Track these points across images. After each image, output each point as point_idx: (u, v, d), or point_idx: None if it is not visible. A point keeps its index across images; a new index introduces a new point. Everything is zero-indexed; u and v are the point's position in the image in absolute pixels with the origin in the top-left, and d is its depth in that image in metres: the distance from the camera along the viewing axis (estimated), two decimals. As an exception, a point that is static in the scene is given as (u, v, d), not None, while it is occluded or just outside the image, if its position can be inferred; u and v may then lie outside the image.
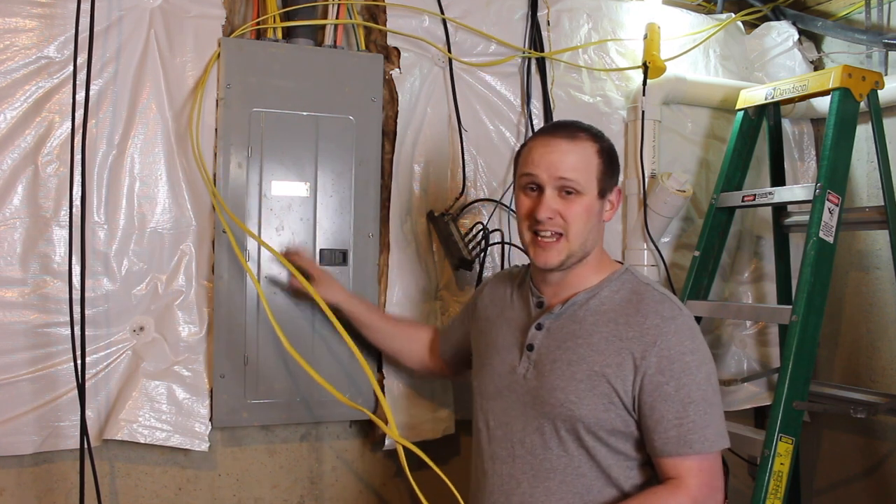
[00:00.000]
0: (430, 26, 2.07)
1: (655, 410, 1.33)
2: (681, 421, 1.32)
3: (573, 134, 1.43)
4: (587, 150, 1.42)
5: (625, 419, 1.36)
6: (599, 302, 1.43)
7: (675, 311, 1.38)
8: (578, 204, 1.40)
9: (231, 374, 1.83)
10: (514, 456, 1.42)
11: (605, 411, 1.35)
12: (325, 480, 2.02)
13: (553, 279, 1.47)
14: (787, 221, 2.38)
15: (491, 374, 1.50)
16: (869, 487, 2.39)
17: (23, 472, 1.74)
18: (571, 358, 1.39)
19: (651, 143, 2.27)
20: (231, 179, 1.84)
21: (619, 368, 1.35)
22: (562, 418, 1.37)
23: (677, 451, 1.32)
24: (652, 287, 1.44)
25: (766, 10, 2.55)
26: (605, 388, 1.35)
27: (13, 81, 1.69)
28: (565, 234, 1.40)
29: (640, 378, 1.34)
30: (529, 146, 1.46)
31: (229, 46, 1.84)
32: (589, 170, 1.41)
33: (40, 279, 1.71)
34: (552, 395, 1.38)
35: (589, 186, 1.40)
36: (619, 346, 1.36)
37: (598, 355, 1.37)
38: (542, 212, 1.39)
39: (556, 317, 1.44)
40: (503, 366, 1.48)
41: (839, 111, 2.00)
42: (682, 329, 1.36)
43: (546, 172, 1.39)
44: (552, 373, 1.39)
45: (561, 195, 1.40)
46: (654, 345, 1.34)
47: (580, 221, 1.40)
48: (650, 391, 1.33)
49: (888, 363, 2.36)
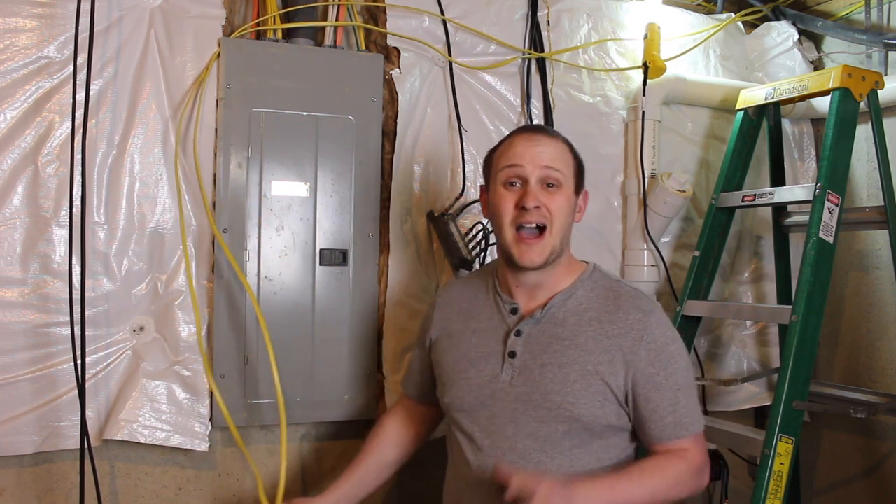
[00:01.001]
0: (431, 26, 2.07)
1: (650, 401, 1.39)
2: (674, 407, 1.40)
3: (551, 133, 1.51)
4: (564, 147, 1.48)
5: (618, 413, 1.41)
6: (577, 302, 1.46)
7: (652, 305, 1.46)
8: (561, 195, 1.44)
9: (231, 374, 1.83)
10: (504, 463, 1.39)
11: (600, 408, 1.38)
12: (325, 480, 2.02)
13: (529, 282, 1.47)
14: (787, 221, 2.38)
15: (468, 386, 1.47)
16: (869, 487, 2.39)
17: (23, 472, 1.74)
18: (562, 360, 1.40)
19: (651, 143, 2.27)
20: (231, 179, 1.84)
21: (610, 365, 1.39)
22: (560, 420, 1.38)
23: (676, 435, 1.40)
24: (622, 283, 1.51)
25: (766, 10, 2.55)
26: (599, 385, 1.38)
27: (13, 81, 1.69)
28: (549, 227, 1.42)
29: (633, 372, 1.39)
30: (509, 142, 1.49)
31: (229, 46, 1.84)
32: (567, 164, 1.46)
33: (40, 279, 1.71)
34: (548, 398, 1.39)
35: (568, 180, 1.45)
36: (607, 344, 1.40)
37: (588, 355, 1.40)
38: (529, 200, 1.40)
39: (536, 321, 1.45)
40: (481, 377, 1.46)
41: (839, 111, 2.00)
42: (662, 321, 1.44)
43: (531, 163, 1.42)
44: (544, 377, 1.40)
45: (543, 187, 1.43)
46: (641, 339, 1.40)
47: (562, 214, 1.43)
48: (643, 383, 1.39)
49: (888, 363, 2.35)
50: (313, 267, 1.90)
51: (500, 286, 1.52)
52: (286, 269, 1.88)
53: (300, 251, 1.89)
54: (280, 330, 1.86)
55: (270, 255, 1.87)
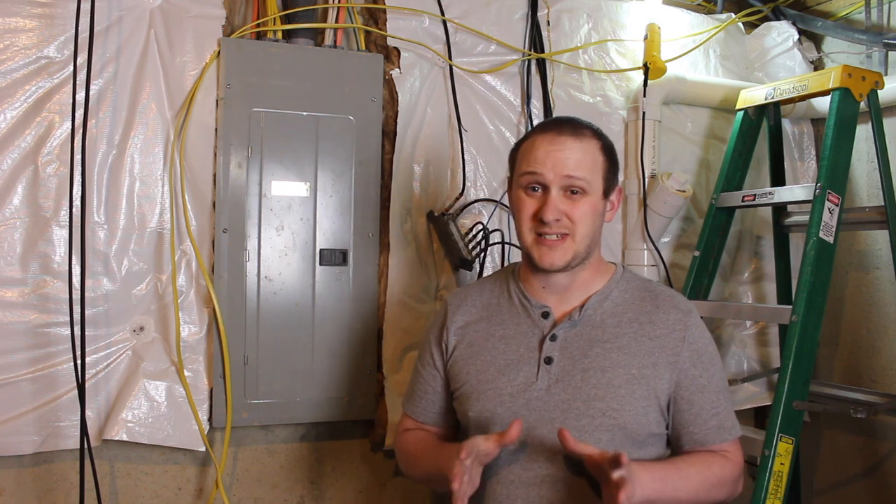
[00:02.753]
0: (431, 27, 2.07)
1: (694, 404, 1.34)
2: (716, 410, 1.35)
3: (578, 131, 1.36)
4: (592, 147, 1.36)
5: (658, 420, 1.34)
6: (613, 304, 1.39)
7: (688, 303, 1.42)
8: (585, 203, 1.33)
9: (231, 374, 1.83)
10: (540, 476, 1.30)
11: (644, 415, 1.31)
12: (325, 480, 2.02)
13: (558, 285, 1.39)
14: (787, 221, 2.38)
15: (498, 397, 1.35)
16: (869, 487, 2.39)
17: (23, 472, 1.74)
18: (604, 364, 1.32)
19: (651, 143, 2.27)
20: (231, 179, 1.84)
21: (654, 368, 1.33)
22: (603, 428, 1.29)
23: (719, 439, 1.35)
24: (654, 282, 1.46)
25: (766, 10, 2.55)
26: (643, 391, 1.31)
27: (13, 81, 1.69)
28: (571, 235, 1.33)
29: (677, 374, 1.34)
30: (531, 142, 1.37)
31: (229, 46, 1.84)
32: (595, 168, 1.35)
33: (40, 279, 1.71)
34: (590, 405, 1.30)
35: (595, 186, 1.34)
36: (649, 346, 1.34)
37: (632, 358, 1.33)
38: (548, 213, 1.31)
39: (573, 325, 1.36)
40: (513, 385, 1.34)
41: (839, 111, 2.00)
42: (699, 320, 1.40)
43: (552, 171, 1.32)
44: (586, 382, 1.31)
45: (566, 195, 1.33)
46: (684, 340, 1.35)
47: (587, 222, 1.33)
48: (687, 385, 1.34)
49: (888, 363, 2.35)
50: (313, 267, 1.90)
51: (526, 289, 1.42)
52: (286, 269, 1.88)
53: (300, 251, 1.89)
54: (280, 330, 1.87)
55: (270, 255, 1.87)
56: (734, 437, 1.38)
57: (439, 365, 1.47)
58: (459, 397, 1.42)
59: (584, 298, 1.39)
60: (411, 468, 1.50)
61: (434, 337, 1.49)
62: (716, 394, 1.36)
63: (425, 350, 1.51)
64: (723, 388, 1.38)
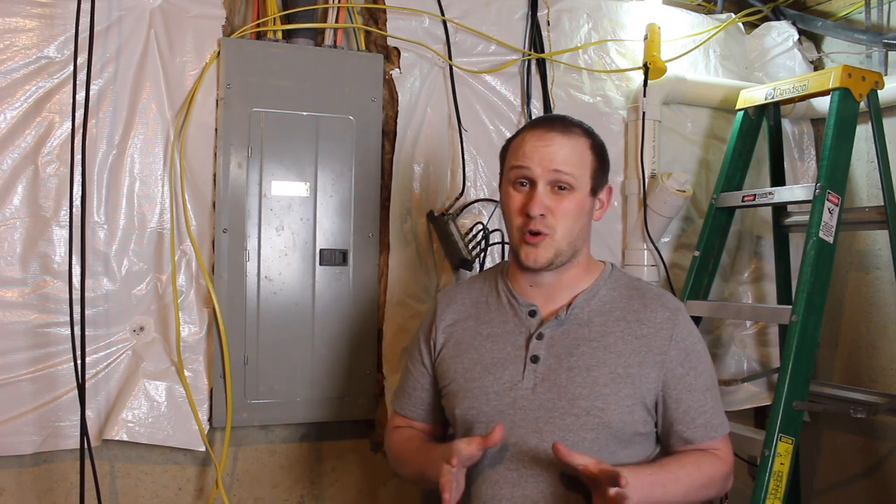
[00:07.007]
0: (431, 27, 2.07)
1: (682, 402, 1.35)
2: (704, 409, 1.36)
3: (567, 128, 1.38)
4: (581, 144, 1.37)
5: (645, 419, 1.35)
6: (601, 302, 1.40)
7: (677, 302, 1.42)
8: (570, 200, 1.34)
9: (231, 374, 1.83)
10: (524, 476, 1.31)
11: (629, 414, 1.32)
12: (325, 480, 2.02)
13: (545, 283, 1.40)
14: (787, 221, 2.38)
15: (483, 395, 1.36)
16: (869, 487, 2.39)
17: (23, 472, 1.74)
18: (590, 363, 1.33)
19: (651, 143, 2.27)
20: (231, 179, 1.84)
21: (641, 367, 1.34)
22: (588, 427, 1.30)
23: (707, 437, 1.37)
24: (642, 281, 1.47)
25: (766, 10, 2.55)
26: (628, 389, 1.32)
27: (13, 81, 1.69)
28: (552, 232, 1.34)
29: (664, 373, 1.34)
30: (521, 138, 1.39)
31: (229, 46, 1.84)
32: (583, 165, 1.36)
33: (40, 279, 1.71)
34: (575, 404, 1.31)
35: (582, 182, 1.35)
36: (636, 345, 1.35)
37: (617, 356, 1.34)
38: (534, 207, 1.32)
39: (559, 323, 1.37)
40: (499, 384, 1.36)
41: (839, 111, 2.00)
42: (688, 319, 1.41)
43: (540, 166, 1.33)
44: (571, 381, 1.32)
45: (554, 190, 1.34)
46: (671, 338, 1.36)
47: (570, 219, 1.34)
48: (674, 384, 1.35)
49: (888, 363, 2.35)
50: (313, 267, 1.90)
51: (514, 288, 1.43)
52: (286, 269, 1.88)
53: (300, 251, 1.89)
54: (280, 330, 1.87)
55: (270, 255, 1.87)
56: (722, 435, 1.39)
57: (427, 362, 1.49)
58: (447, 395, 1.44)
59: (571, 297, 1.40)
60: (399, 467, 1.52)
61: (423, 334, 1.52)
62: (703, 392, 1.36)
63: (414, 347, 1.53)
64: (711, 387, 1.39)
